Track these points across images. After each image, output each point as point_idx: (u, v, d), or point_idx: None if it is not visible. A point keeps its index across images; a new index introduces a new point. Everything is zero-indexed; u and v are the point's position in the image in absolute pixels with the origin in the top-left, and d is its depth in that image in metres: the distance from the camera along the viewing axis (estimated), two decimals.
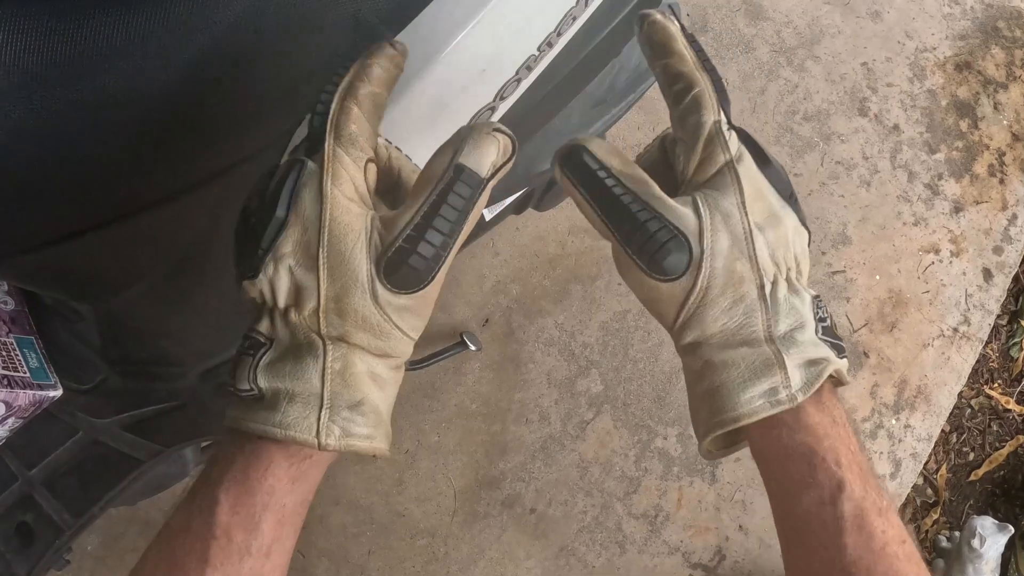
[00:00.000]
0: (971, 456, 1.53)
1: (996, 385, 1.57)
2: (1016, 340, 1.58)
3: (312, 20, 0.47)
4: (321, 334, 0.39)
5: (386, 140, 0.47)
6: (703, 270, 0.39)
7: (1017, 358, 1.57)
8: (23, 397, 0.73)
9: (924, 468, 1.47)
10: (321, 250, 0.38)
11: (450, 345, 1.27)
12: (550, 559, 1.27)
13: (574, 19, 0.64)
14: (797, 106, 1.61)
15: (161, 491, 0.95)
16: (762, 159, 0.42)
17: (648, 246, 0.39)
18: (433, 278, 0.39)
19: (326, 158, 0.39)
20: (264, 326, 0.40)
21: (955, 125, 1.67)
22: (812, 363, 0.39)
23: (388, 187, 0.46)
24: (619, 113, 0.86)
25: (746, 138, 0.42)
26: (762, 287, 0.40)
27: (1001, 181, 1.65)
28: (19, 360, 0.76)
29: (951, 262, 1.57)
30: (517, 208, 0.99)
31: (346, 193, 0.39)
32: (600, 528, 1.30)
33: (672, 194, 0.41)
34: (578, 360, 1.36)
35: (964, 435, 1.54)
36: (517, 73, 0.62)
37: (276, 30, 0.46)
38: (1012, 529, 1.36)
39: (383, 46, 0.43)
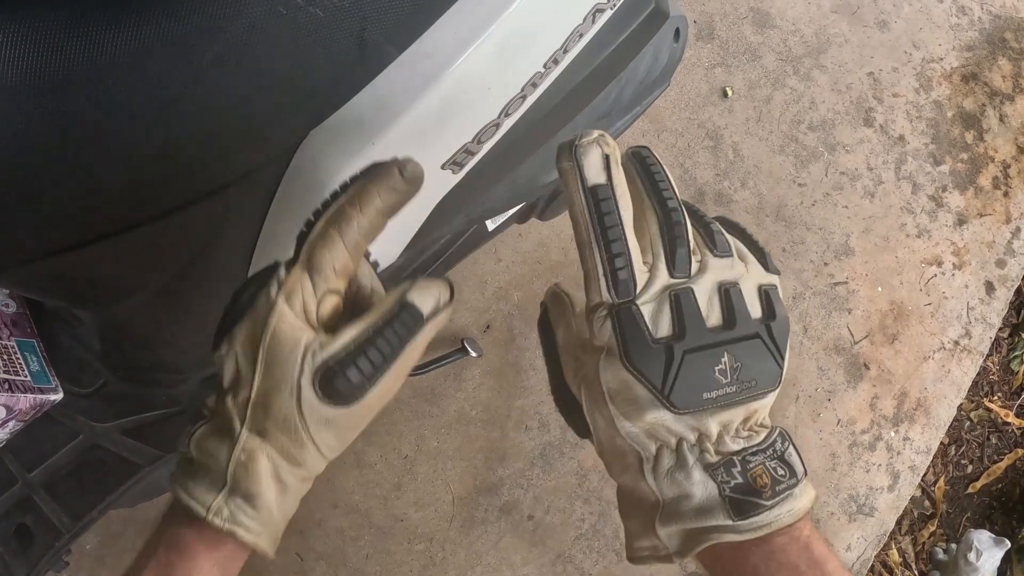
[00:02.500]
0: (969, 469, 1.53)
1: (996, 398, 1.57)
2: (1017, 353, 1.58)
3: (316, 39, 0.47)
4: (243, 423, 0.41)
5: (372, 269, 0.49)
6: (594, 437, 0.45)
7: (1017, 371, 1.57)
8: (24, 400, 0.73)
9: (922, 480, 1.47)
10: (262, 348, 0.41)
11: (451, 351, 1.27)
12: (547, 566, 1.28)
13: (580, 36, 0.64)
14: (803, 115, 1.61)
15: (160, 495, 0.95)
16: (630, 356, 0.40)
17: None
18: (362, 398, 0.41)
19: (286, 278, 0.42)
20: (212, 400, 0.43)
21: (960, 137, 1.66)
22: (691, 533, 0.41)
23: (355, 314, 0.46)
24: (623, 126, 0.86)
25: (620, 327, 0.41)
26: (641, 460, 0.42)
27: (1005, 194, 1.64)
28: (20, 363, 0.76)
29: (953, 275, 1.56)
30: (521, 217, 0.99)
31: (295, 310, 0.42)
32: (597, 536, 1.30)
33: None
34: None
35: (963, 448, 1.54)
36: (523, 90, 0.62)
37: (279, 49, 0.47)
38: (1008, 543, 1.36)
39: (391, 172, 0.43)
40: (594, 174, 0.40)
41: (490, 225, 0.92)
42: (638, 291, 0.41)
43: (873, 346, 1.48)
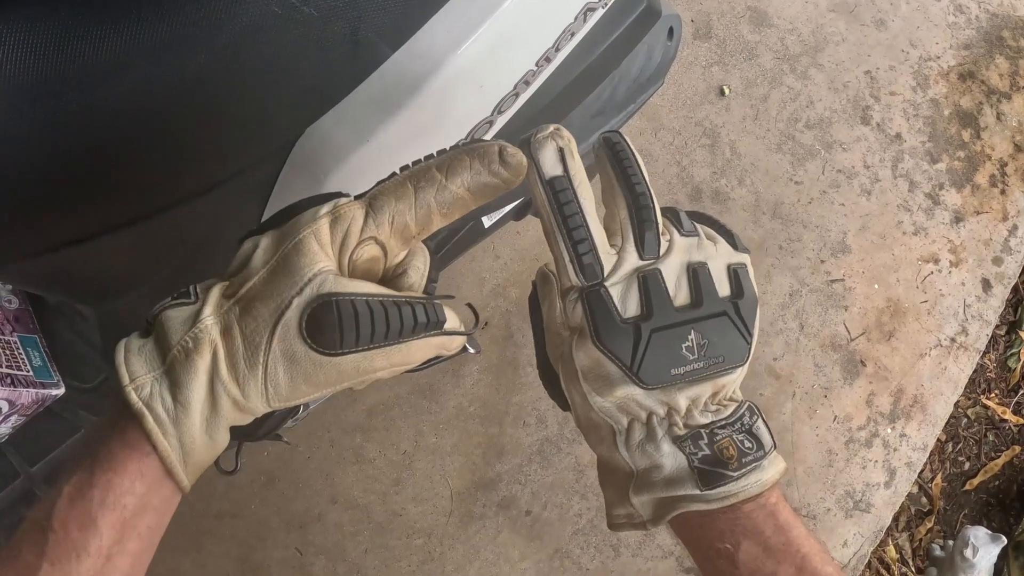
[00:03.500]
0: (966, 466, 1.54)
1: (993, 395, 1.57)
2: (1014, 351, 1.58)
3: (310, 39, 0.48)
4: (216, 310, 0.38)
5: (426, 271, 0.46)
6: (573, 411, 0.47)
7: (1014, 369, 1.58)
8: (26, 395, 0.74)
9: (919, 477, 1.48)
10: (281, 252, 0.39)
11: None
12: (544, 561, 1.28)
13: (572, 35, 0.65)
14: (799, 114, 1.61)
15: None
16: (599, 335, 0.42)
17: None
18: (340, 354, 0.38)
19: (341, 205, 0.40)
20: (204, 286, 0.40)
21: (957, 135, 1.67)
22: (662, 502, 0.43)
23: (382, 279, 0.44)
24: (618, 124, 0.87)
25: (590, 308, 0.42)
26: (614, 433, 0.44)
27: (1002, 192, 1.65)
28: (22, 358, 0.77)
29: (950, 272, 1.57)
30: (517, 214, 0.99)
31: (333, 235, 0.40)
32: (595, 531, 1.31)
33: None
34: None
35: (960, 445, 1.54)
36: (515, 88, 0.63)
37: (274, 48, 0.47)
38: (1005, 539, 1.36)
39: (490, 150, 0.40)
40: (550, 167, 0.42)
41: (486, 222, 0.93)
42: (606, 274, 0.43)
43: (870, 343, 1.49)
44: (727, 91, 1.60)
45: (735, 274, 0.46)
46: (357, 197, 0.41)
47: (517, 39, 0.58)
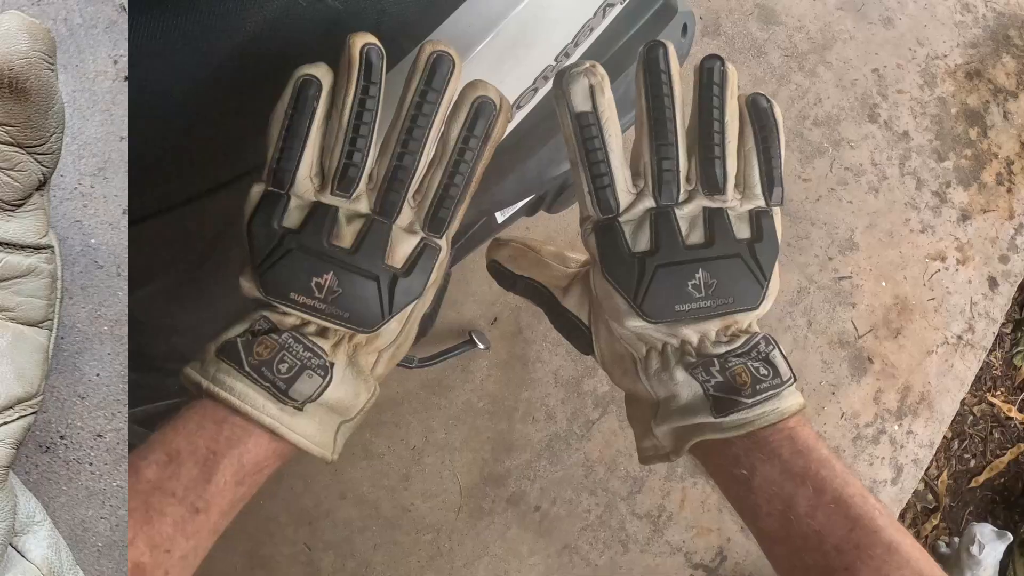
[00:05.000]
0: (972, 463, 1.54)
1: (999, 393, 1.58)
2: (1020, 349, 1.58)
3: (333, 31, 0.48)
4: (374, 374, 0.47)
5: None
6: (596, 346, 0.49)
7: (1020, 367, 1.58)
8: None
9: (925, 474, 1.48)
10: (412, 316, 0.46)
11: (459, 343, 1.28)
12: (553, 556, 1.29)
13: (591, 30, 0.65)
14: (807, 111, 1.61)
15: None
16: (606, 266, 0.44)
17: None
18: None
19: (444, 249, 0.45)
20: (328, 346, 0.44)
21: (964, 133, 1.67)
22: (680, 431, 0.44)
23: None
24: (632, 119, 0.87)
25: (601, 242, 0.44)
26: (634, 361, 0.46)
27: (1009, 190, 1.65)
28: None
29: (957, 270, 1.57)
30: (529, 210, 0.99)
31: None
32: (603, 527, 1.31)
33: None
34: (585, 360, 1.37)
35: (966, 442, 1.55)
36: (534, 83, 0.63)
37: (298, 41, 0.48)
38: (1011, 536, 1.37)
39: (505, 114, 0.45)
40: (580, 102, 0.43)
41: (500, 217, 0.93)
42: (621, 209, 0.43)
43: (877, 340, 1.49)
44: None
45: (757, 217, 0.45)
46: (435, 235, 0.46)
47: (538, 34, 0.58)
